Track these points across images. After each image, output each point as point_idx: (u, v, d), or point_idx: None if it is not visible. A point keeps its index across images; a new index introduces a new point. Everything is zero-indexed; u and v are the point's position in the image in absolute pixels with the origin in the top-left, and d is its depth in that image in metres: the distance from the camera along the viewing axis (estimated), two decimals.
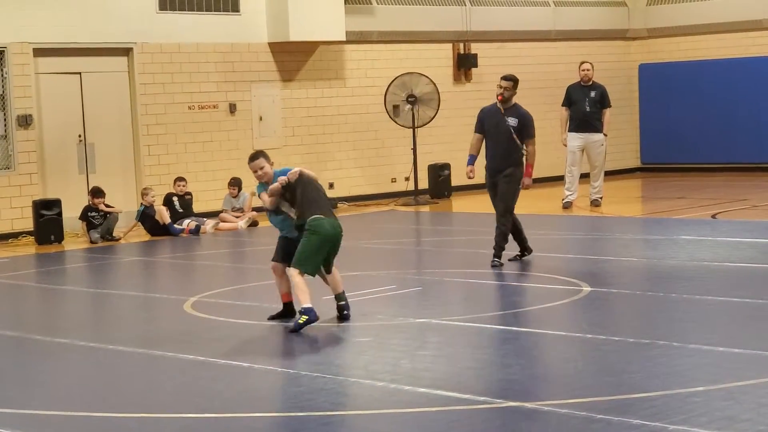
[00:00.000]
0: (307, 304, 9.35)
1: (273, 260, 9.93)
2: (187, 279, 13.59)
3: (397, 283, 11.82)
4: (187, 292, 11.70)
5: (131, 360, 8.89)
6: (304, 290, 9.39)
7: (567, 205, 18.17)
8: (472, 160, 12.97)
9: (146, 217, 17.20)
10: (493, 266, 12.44)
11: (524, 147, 12.62)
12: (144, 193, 17.33)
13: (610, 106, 18.20)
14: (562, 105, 18.30)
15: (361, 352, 8.72)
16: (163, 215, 17.11)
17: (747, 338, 8.59)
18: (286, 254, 9.77)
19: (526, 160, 12.67)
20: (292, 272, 9.54)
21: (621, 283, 11.46)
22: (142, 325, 10.57)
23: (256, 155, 9.87)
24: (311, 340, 9.45)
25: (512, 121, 12.62)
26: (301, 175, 9.70)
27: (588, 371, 7.82)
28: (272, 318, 9.98)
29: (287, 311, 9.94)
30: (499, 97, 12.70)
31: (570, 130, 18.17)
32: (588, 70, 18.21)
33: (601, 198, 18.22)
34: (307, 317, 9.34)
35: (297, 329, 9.36)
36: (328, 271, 9.78)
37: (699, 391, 7.10)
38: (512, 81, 12.71)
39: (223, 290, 11.41)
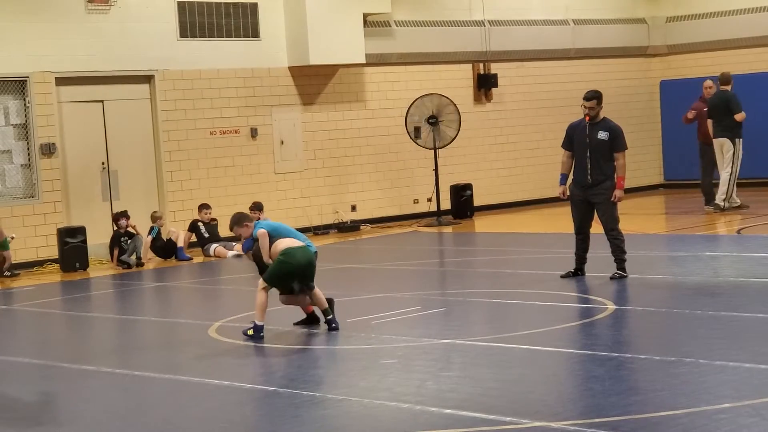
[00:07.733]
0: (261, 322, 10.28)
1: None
2: (210, 304, 13.61)
3: (421, 304, 11.81)
4: (211, 317, 11.73)
5: (157, 386, 8.91)
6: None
7: None
8: (564, 179, 12.86)
9: (157, 239, 17.40)
10: (611, 278, 12.44)
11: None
12: (159, 217, 17.50)
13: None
14: None
15: (386, 374, 8.70)
16: (181, 238, 17.26)
17: None
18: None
19: (617, 172, 12.58)
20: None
21: (646, 300, 11.41)
22: (167, 351, 10.58)
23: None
24: (336, 363, 9.46)
25: (603, 135, 12.55)
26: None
27: (614, 390, 7.79)
28: (297, 324, 10.76)
29: (311, 319, 10.74)
30: (587, 118, 12.64)
31: None
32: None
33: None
34: (255, 333, 10.25)
35: (245, 333, 10.33)
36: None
37: (726, 408, 7.06)
38: (595, 99, 12.64)
39: (246, 314, 11.40)
